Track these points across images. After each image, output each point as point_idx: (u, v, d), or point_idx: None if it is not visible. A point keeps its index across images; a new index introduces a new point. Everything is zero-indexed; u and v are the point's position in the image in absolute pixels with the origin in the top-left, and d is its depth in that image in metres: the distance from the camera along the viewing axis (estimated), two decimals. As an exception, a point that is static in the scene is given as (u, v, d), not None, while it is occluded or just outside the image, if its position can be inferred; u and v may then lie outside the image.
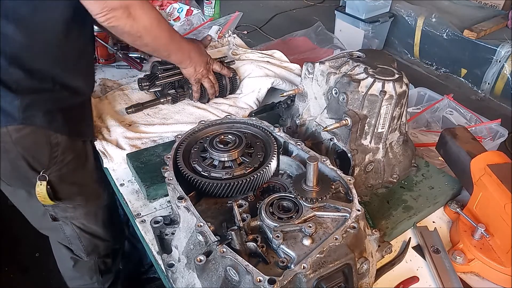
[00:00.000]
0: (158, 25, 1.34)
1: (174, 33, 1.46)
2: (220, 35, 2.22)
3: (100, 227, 1.64)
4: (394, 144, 1.33)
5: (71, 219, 1.54)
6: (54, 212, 1.49)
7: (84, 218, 1.56)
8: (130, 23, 1.25)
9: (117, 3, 1.20)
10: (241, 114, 1.65)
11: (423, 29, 4.42)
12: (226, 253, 0.88)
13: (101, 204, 1.61)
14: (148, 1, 1.29)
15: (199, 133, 1.26)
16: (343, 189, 1.08)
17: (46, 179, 1.34)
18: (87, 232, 1.61)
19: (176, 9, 2.43)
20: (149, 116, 1.64)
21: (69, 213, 1.52)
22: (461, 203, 1.27)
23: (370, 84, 1.19)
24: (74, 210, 1.52)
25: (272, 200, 1.02)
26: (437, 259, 1.13)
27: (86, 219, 1.57)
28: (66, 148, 1.36)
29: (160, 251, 1.11)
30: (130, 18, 1.24)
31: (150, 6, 1.31)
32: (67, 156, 1.38)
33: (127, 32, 1.28)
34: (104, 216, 1.64)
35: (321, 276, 0.87)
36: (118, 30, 1.27)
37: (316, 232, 0.94)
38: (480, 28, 4.07)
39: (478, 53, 4.05)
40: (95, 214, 1.60)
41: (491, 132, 1.78)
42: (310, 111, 1.40)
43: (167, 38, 1.41)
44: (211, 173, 1.11)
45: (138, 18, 1.26)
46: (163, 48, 1.45)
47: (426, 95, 2.02)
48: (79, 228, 1.58)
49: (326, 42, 2.69)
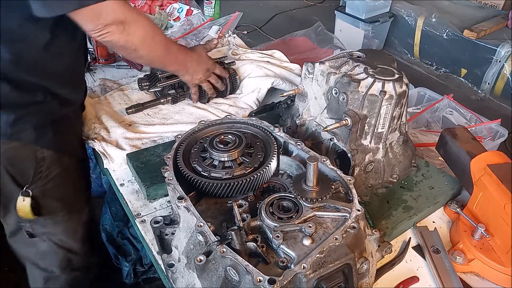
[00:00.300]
0: (153, 38, 1.32)
1: (170, 44, 1.44)
2: (220, 35, 2.22)
3: (78, 242, 1.58)
4: (394, 144, 1.33)
5: (49, 235, 1.48)
6: (32, 228, 1.43)
7: (63, 234, 1.51)
8: (125, 38, 1.22)
9: (111, 19, 1.17)
10: (241, 114, 1.65)
11: (423, 29, 4.42)
12: (226, 253, 0.88)
13: (81, 220, 1.56)
14: (143, 13, 1.27)
15: (199, 133, 1.26)
16: (343, 189, 1.08)
17: (29, 195, 1.31)
18: (64, 247, 1.54)
19: (176, 9, 2.43)
20: (149, 116, 1.64)
21: (48, 229, 1.46)
22: (461, 203, 1.27)
23: (370, 84, 1.19)
24: (53, 226, 1.47)
25: (272, 200, 1.02)
26: (437, 259, 1.13)
27: (65, 235, 1.52)
28: (52, 162, 1.34)
29: (160, 251, 1.11)
30: (124, 33, 1.21)
31: (145, 19, 1.29)
32: (52, 171, 1.35)
33: (121, 46, 1.26)
34: (83, 232, 1.58)
35: (321, 276, 0.87)
36: (112, 44, 1.25)
37: (316, 232, 0.94)
38: (480, 28, 4.07)
39: (478, 53, 4.05)
40: (74, 230, 1.54)
41: (491, 132, 1.78)
42: (310, 111, 1.40)
43: (163, 50, 1.39)
44: (211, 173, 1.11)
45: (133, 32, 1.23)
46: (158, 60, 1.44)
47: (426, 95, 2.02)
48: (55, 244, 1.51)
49: (326, 42, 2.69)
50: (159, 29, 1.39)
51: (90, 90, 1.77)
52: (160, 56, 1.41)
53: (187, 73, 1.55)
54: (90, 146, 1.50)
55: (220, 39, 2.19)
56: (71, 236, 1.54)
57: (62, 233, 1.51)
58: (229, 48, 2.09)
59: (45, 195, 1.37)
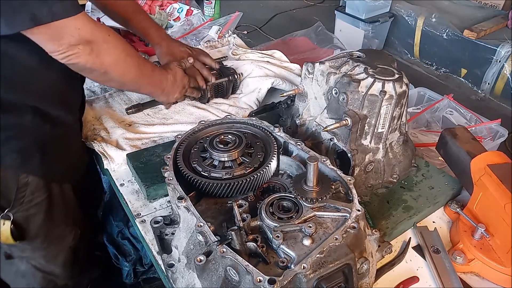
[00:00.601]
0: (125, 60, 1.20)
1: (144, 64, 1.32)
2: (220, 35, 2.22)
3: (59, 267, 1.47)
4: (394, 144, 1.33)
5: (28, 258, 1.40)
6: (10, 251, 1.35)
7: (42, 258, 1.42)
8: (93, 60, 1.10)
9: (75, 39, 1.03)
10: (241, 114, 1.65)
11: (423, 29, 4.42)
12: (226, 253, 0.88)
13: (64, 246, 1.46)
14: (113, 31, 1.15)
15: (199, 133, 1.26)
16: (343, 189, 1.08)
17: (10, 218, 1.22)
18: (44, 271, 1.45)
19: (176, 9, 2.44)
20: (149, 116, 1.64)
21: (27, 253, 1.38)
22: (461, 203, 1.27)
23: (370, 84, 1.19)
24: (32, 251, 1.38)
25: (272, 200, 1.02)
26: (437, 259, 1.13)
27: (44, 259, 1.42)
28: (37, 188, 1.25)
29: (160, 251, 1.11)
30: (92, 55, 1.08)
31: (116, 39, 1.17)
32: (37, 197, 1.26)
33: (89, 69, 1.13)
34: (65, 257, 1.47)
35: (321, 276, 0.87)
36: (79, 67, 1.12)
37: (316, 232, 0.94)
38: (480, 28, 4.07)
39: (478, 53, 4.05)
40: (55, 256, 1.45)
41: (491, 132, 1.78)
42: (310, 111, 1.40)
43: (136, 72, 1.26)
44: (211, 173, 1.11)
45: (103, 53, 1.11)
46: (131, 83, 1.32)
47: (426, 95, 2.02)
48: (35, 266, 1.42)
49: (326, 42, 2.69)
50: (132, 48, 1.27)
51: (90, 90, 1.77)
52: (133, 79, 1.29)
53: (162, 94, 1.44)
54: (89, 146, 1.50)
55: (220, 39, 2.19)
56: (51, 261, 1.45)
57: (41, 258, 1.42)
58: (229, 48, 2.09)
59: (28, 221, 1.28)
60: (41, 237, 1.36)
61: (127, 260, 2.10)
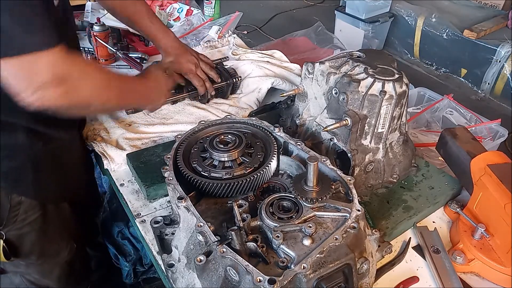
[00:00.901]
0: (107, 88, 1.07)
1: (126, 82, 1.21)
2: (220, 35, 2.22)
3: (55, 281, 1.45)
4: (394, 144, 1.33)
5: (22, 273, 1.38)
6: (4, 266, 1.33)
7: (38, 274, 1.41)
8: (70, 98, 0.95)
9: (47, 75, 0.88)
10: (241, 114, 1.65)
11: (423, 29, 4.42)
12: (226, 253, 0.88)
13: (59, 261, 1.44)
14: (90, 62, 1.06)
15: (199, 133, 1.26)
16: (343, 189, 1.08)
17: (2, 237, 1.20)
18: (38, 285, 1.43)
19: (176, 9, 2.43)
20: (149, 116, 1.63)
21: (21, 269, 1.36)
22: (461, 203, 1.27)
23: (370, 84, 1.19)
24: (26, 267, 1.36)
25: (272, 200, 1.02)
26: (437, 259, 1.13)
27: (39, 275, 1.41)
28: (30, 207, 1.22)
29: (160, 251, 1.11)
30: (68, 93, 0.93)
31: (94, 70, 1.06)
32: (30, 215, 1.23)
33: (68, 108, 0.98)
34: (60, 272, 1.45)
35: (321, 276, 0.87)
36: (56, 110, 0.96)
37: (316, 232, 0.94)
38: (480, 28, 4.07)
39: (478, 53, 4.05)
40: (50, 271, 1.43)
41: (491, 132, 1.78)
42: (310, 111, 1.40)
43: (118, 96, 1.15)
44: (211, 173, 1.11)
45: (80, 88, 0.97)
46: (115, 107, 1.28)
47: (426, 95, 2.02)
48: (29, 281, 1.40)
49: (326, 42, 2.69)
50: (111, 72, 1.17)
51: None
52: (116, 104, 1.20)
53: (148, 103, 1.38)
54: (89, 147, 1.50)
55: (220, 39, 2.19)
56: (46, 276, 1.43)
57: (36, 273, 1.41)
58: (229, 48, 2.09)
59: (21, 239, 1.26)
60: (36, 254, 1.34)
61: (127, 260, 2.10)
